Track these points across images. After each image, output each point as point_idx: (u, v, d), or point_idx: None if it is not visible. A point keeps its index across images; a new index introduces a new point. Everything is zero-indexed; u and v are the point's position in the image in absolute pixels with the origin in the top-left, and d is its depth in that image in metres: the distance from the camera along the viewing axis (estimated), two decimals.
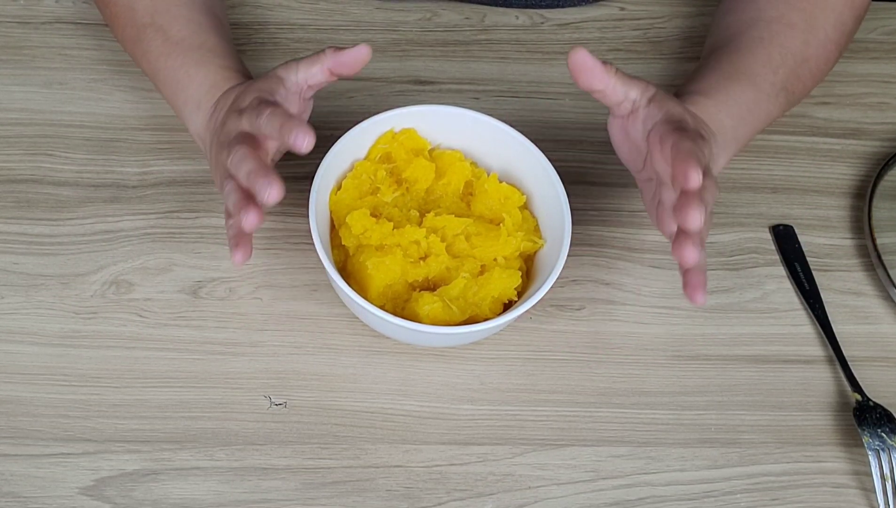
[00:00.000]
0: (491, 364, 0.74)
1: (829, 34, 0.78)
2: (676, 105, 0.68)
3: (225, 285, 0.75)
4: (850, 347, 0.76)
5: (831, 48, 0.78)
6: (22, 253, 0.75)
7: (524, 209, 0.74)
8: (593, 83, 0.66)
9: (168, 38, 0.74)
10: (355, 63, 0.67)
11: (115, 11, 0.77)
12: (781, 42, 0.76)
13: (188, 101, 0.73)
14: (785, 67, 0.76)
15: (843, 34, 0.79)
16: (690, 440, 0.72)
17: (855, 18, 0.79)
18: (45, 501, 0.67)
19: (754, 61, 0.75)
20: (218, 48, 0.74)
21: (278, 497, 0.68)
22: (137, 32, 0.75)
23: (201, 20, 0.75)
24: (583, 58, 0.65)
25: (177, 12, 0.75)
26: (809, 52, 0.77)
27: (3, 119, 0.81)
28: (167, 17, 0.74)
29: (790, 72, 0.76)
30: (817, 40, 0.77)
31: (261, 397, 0.71)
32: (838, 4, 0.78)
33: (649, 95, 0.68)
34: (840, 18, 0.78)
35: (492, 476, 0.70)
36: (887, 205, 0.81)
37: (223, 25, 0.78)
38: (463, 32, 0.89)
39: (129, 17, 0.76)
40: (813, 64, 0.77)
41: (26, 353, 0.71)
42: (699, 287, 0.63)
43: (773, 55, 0.76)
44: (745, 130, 0.75)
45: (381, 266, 0.69)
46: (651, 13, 0.92)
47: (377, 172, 0.73)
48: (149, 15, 0.75)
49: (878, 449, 0.70)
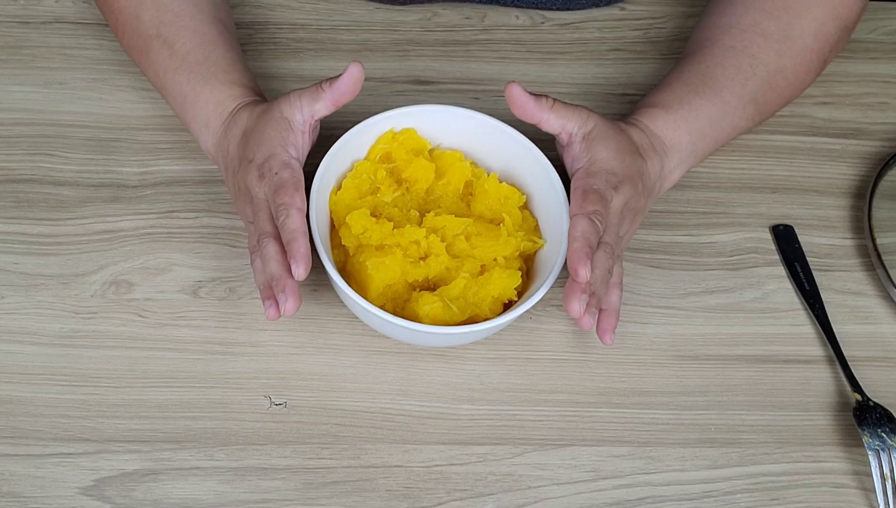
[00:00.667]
0: (491, 364, 0.74)
1: (808, 43, 0.77)
2: (604, 149, 0.70)
3: (225, 285, 0.75)
4: (850, 347, 0.76)
5: (811, 57, 0.77)
6: (22, 253, 0.75)
7: (524, 209, 0.74)
8: (526, 116, 0.70)
9: (174, 53, 0.74)
10: (353, 87, 0.70)
11: (122, 20, 0.77)
12: (753, 52, 0.76)
13: (196, 117, 0.74)
14: (756, 78, 0.75)
15: (827, 44, 0.78)
16: (690, 440, 0.72)
17: (841, 29, 0.78)
18: (45, 501, 0.67)
19: (722, 73, 0.75)
20: (223, 61, 0.74)
21: (278, 497, 0.68)
22: (144, 44, 0.75)
23: (207, 31, 0.75)
24: (517, 92, 0.69)
25: (182, 24, 0.75)
26: (784, 62, 0.76)
27: (3, 119, 0.81)
28: (172, 28, 0.74)
29: (761, 83, 0.76)
30: (793, 50, 0.77)
31: (261, 397, 0.71)
32: (820, 14, 0.77)
33: (585, 131, 0.70)
34: (822, 28, 0.77)
35: (492, 476, 0.70)
36: (887, 205, 0.81)
37: (230, 33, 0.78)
38: (463, 32, 0.89)
39: (135, 27, 0.76)
40: (790, 74, 0.77)
41: (26, 353, 0.72)
42: (608, 330, 0.71)
43: (742, 66, 0.75)
44: (706, 144, 0.75)
45: (381, 266, 0.69)
46: (651, 13, 0.92)
47: (377, 172, 0.73)
48: (154, 26, 0.75)
49: (878, 449, 0.70)
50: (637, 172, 0.70)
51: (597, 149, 0.70)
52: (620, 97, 0.87)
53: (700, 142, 0.75)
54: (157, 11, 0.75)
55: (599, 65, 0.88)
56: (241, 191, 0.70)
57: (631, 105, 0.86)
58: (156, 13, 0.75)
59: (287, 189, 0.66)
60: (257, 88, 0.75)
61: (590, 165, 0.69)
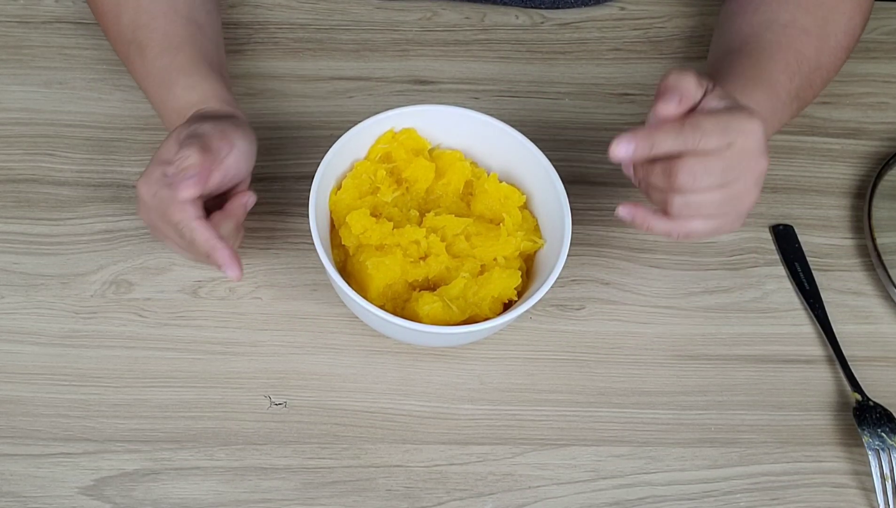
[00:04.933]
0: (491, 364, 0.74)
1: (840, 40, 0.77)
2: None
3: (225, 285, 0.75)
4: (850, 347, 0.76)
5: (840, 55, 0.78)
6: (22, 253, 0.75)
7: (524, 209, 0.74)
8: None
9: (145, 59, 0.73)
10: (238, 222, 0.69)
11: (105, 24, 0.77)
12: (798, 48, 0.75)
13: (167, 122, 0.73)
14: (800, 74, 0.75)
15: (853, 39, 0.78)
16: (690, 440, 0.72)
17: (863, 23, 0.79)
18: (45, 501, 0.67)
19: (774, 67, 0.74)
20: (185, 67, 0.73)
21: (278, 497, 0.68)
22: (124, 49, 0.75)
23: (177, 32, 0.74)
24: (630, 212, 0.66)
25: (155, 25, 0.74)
26: (822, 59, 0.76)
27: (3, 119, 0.81)
28: (146, 31, 0.74)
29: (804, 80, 0.75)
30: (829, 47, 0.77)
31: (261, 397, 0.71)
32: (848, 9, 0.77)
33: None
34: (850, 23, 0.77)
35: (492, 476, 0.70)
36: (887, 205, 0.81)
37: (202, 34, 0.76)
38: (463, 32, 0.89)
39: (116, 31, 0.76)
40: (824, 71, 0.77)
41: (26, 353, 0.72)
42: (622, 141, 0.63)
43: (790, 61, 0.75)
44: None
45: (381, 266, 0.69)
46: (651, 13, 0.92)
47: (377, 172, 0.73)
48: (131, 30, 0.74)
49: (878, 449, 0.70)
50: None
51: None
52: (620, 97, 0.87)
53: None
54: (135, 13, 0.74)
55: (599, 65, 0.88)
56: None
57: (631, 105, 0.86)
58: (133, 15, 0.74)
59: (175, 205, 0.65)
60: (221, 92, 0.72)
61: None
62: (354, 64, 0.86)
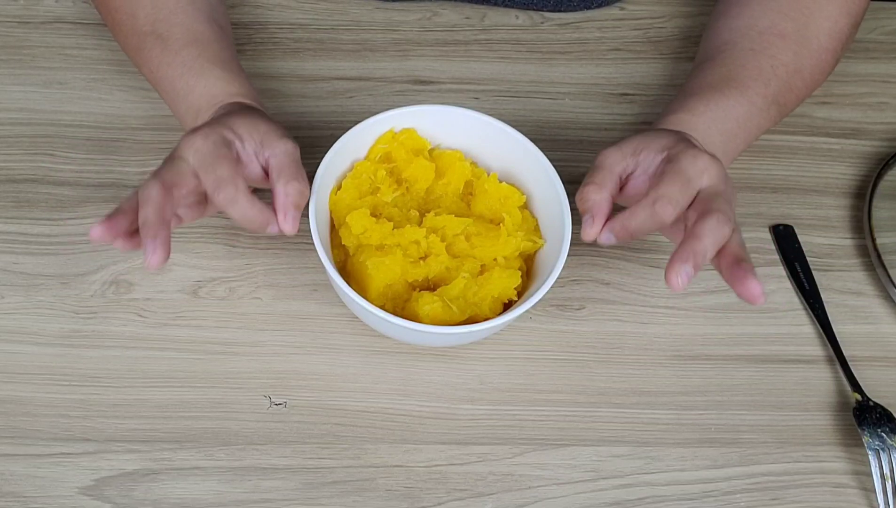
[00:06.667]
0: (491, 364, 0.74)
1: (823, 43, 0.77)
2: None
3: (225, 285, 0.75)
4: (850, 347, 0.76)
5: (826, 57, 0.77)
6: (22, 253, 0.75)
7: (524, 209, 0.74)
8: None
9: (167, 47, 0.73)
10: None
11: (118, 19, 0.77)
12: (773, 53, 0.76)
13: (189, 110, 0.73)
14: (777, 79, 0.75)
15: (840, 42, 0.78)
16: (690, 440, 0.72)
17: (852, 25, 0.78)
18: (45, 501, 0.67)
19: (746, 75, 0.75)
20: (217, 59, 0.74)
21: (278, 497, 0.68)
22: (139, 41, 0.75)
23: (202, 29, 0.75)
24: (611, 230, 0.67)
25: (177, 20, 0.74)
26: (802, 62, 0.76)
27: (3, 119, 0.81)
28: (167, 25, 0.74)
29: (782, 84, 0.75)
30: (809, 50, 0.76)
31: (261, 397, 0.71)
32: (833, 12, 0.77)
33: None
34: (835, 27, 0.77)
35: (492, 476, 0.70)
36: (887, 205, 0.81)
37: (224, 34, 0.77)
38: (463, 32, 0.89)
39: (131, 24, 0.75)
40: (807, 74, 0.77)
41: (26, 353, 0.71)
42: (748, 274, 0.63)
43: (764, 68, 0.75)
44: (735, 145, 0.75)
45: (381, 266, 0.69)
46: (651, 13, 0.92)
47: (377, 172, 0.73)
48: (150, 23, 0.75)
49: (878, 449, 0.70)
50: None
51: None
52: (620, 97, 0.87)
53: (730, 143, 0.74)
54: (153, 9, 0.75)
55: (599, 65, 0.89)
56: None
57: (631, 105, 0.86)
58: (151, 10, 0.75)
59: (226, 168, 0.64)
60: (253, 93, 0.74)
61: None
62: (354, 64, 0.86)
